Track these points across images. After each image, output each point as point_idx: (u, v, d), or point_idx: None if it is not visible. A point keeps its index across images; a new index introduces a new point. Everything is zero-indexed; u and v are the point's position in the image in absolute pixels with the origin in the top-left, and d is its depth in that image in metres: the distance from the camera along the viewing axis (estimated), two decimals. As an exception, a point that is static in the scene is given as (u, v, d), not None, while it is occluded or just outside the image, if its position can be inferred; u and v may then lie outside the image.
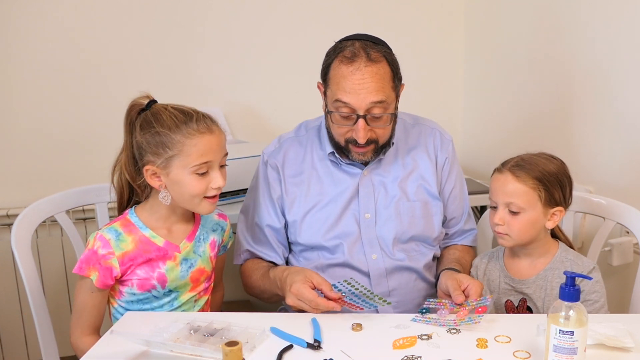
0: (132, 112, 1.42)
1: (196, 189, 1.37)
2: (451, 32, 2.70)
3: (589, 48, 1.98)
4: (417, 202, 1.61)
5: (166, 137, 1.35)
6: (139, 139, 1.38)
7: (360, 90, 1.44)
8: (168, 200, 1.40)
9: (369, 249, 1.58)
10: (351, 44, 1.48)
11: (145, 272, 1.42)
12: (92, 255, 1.39)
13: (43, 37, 2.26)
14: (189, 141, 1.35)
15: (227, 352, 1.06)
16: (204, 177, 1.38)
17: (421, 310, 1.32)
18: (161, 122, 1.37)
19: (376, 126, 1.49)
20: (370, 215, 1.59)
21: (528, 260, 1.49)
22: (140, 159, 1.40)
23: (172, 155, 1.35)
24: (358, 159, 1.56)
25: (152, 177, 1.39)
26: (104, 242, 1.39)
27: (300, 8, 2.50)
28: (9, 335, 2.33)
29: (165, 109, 1.39)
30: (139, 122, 1.40)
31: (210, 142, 1.37)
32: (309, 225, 1.60)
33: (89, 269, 1.38)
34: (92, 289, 1.40)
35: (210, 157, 1.38)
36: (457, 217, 1.71)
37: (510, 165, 1.43)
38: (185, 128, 1.36)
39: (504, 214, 1.43)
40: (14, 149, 2.31)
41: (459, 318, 1.28)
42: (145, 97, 1.42)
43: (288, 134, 1.71)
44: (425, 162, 1.64)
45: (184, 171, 1.36)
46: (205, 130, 1.37)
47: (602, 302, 1.42)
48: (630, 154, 1.85)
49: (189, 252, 1.47)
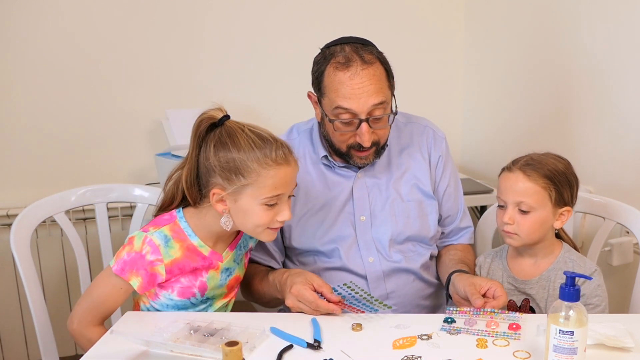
0: (203, 126, 1.33)
1: (263, 219, 1.32)
2: (451, 32, 2.70)
3: (588, 48, 1.98)
4: (411, 202, 1.60)
5: (241, 164, 1.28)
6: (212, 160, 1.30)
7: (360, 95, 1.43)
8: (229, 225, 1.33)
9: (366, 251, 1.57)
10: (341, 49, 1.46)
11: (189, 281, 1.38)
12: (140, 260, 1.33)
13: (43, 37, 2.26)
14: (265, 172, 1.28)
15: (227, 352, 1.06)
16: (272, 208, 1.32)
17: (446, 319, 1.31)
18: (237, 145, 1.29)
19: (378, 127, 1.49)
20: (366, 218, 1.58)
21: (532, 261, 1.49)
22: (207, 178, 1.32)
23: (245, 185, 1.29)
24: (360, 163, 1.55)
25: (217, 201, 1.32)
26: (153, 248, 1.33)
27: (301, 9, 2.50)
28: (9, 335, 2.33)
29: (242, 131, 1.31)
30: (213, 140, 1.31)
31: (286, 174, 1.31)
32: (303, 229, 1.59)
33: (131, 273, 1.32)
34: (124, 288, 1.35)
35: (283, 190, 1.32)
36: (453, 215, 1.70)
37: (521, 164, 1.42)
38: (263, 157, 1.29)
39: (513, 213, 1.41)
40: (14, 149, 2.31)
41: (493, 330, 1.26)
42: (218, 109, 1.34)
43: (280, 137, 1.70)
44: (419, 161, 1.63)
45: (253, 201, 1.30)
46: (282, 161, 1.30)
47: (603, 306, 1.41)
48: (631, 154, 1.85)
49: (229, 261, 1.44)
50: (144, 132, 2.41)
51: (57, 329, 1.68)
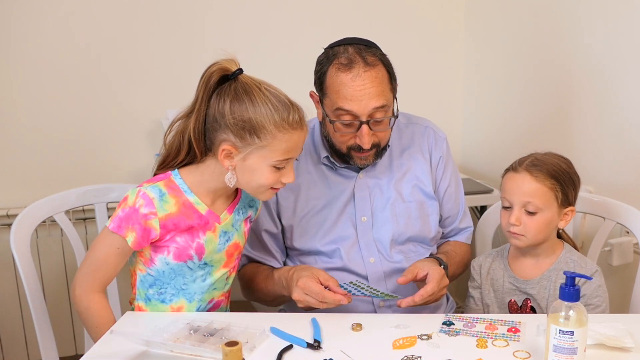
0: (215, 77, 1.29)
1: (268, 180, 1.31)
2: (451, 32, 2.70)
3: (589, 48, 1.98)
4: (412, 203, 1.60)
5: (259, 125, 1.25)
6: (227, 117, 1.26)
7: (362, 97, 1.43)
8: (233, 182, 1.31)
9: (367, 252, 1.57)
10: (344, 50, 1.46)
11: (185, 241, 1.34)
12: (133, 214, 1.30)
13: (43, 37, 2.26)
14: (281, 135, 1.27)
15: (227, 352, 1.06)
16: (279, 170, 1.31)
17: (445, 322, 1.31)
18: (255, 104, 1.26)
19: (378, 130, 1.49)
20: (367, 218, 1.58)
21: (533, 261, 1.48)
22: (216, 132, 1.29)
23: (258, 146, 1.27)
24: (360, 164, 1.55)
25: (225, 156, 1.29)
26: (147, 201, 1.30)
27: (301, 9, 2.50)
28: (9, 335, 2.33)
29: (260, 89, 1.27)
30: (228, 95, 1.28)
31: (299, 139, 1.31)
32: (304, 230, 1.58)
33: (127, 229, 1.30)
34: (119, 246, 1.32)
35: (294, 154, 1.31)
36: (453, 215, 1.70)
37: (527, 165, 1.41)
38: (280, 120, 1.26)
39: (520, 214, 1.41)
40: (14, 149, 2.31)
41: (492, 331, 1.26)
42: (232, 61, 1.30)
43: None
44: (420, 162, 1.63)
45: (263, 162, 1.29)
46: (297, 126, 1.29)
47: (603, 307, 1.41)
48: (631, 154, 1.85)
49: (227, 225, 1.40)
50: (144, 132, 2.41)
51: (57, 329, 1.68)
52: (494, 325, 1.28)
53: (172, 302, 1.40)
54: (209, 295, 1.42)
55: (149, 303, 1.41)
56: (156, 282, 1.39)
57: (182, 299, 1.40)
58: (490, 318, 1.32)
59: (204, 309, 1.43)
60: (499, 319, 1.31)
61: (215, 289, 1.43)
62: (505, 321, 1.30)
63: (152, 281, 1.39)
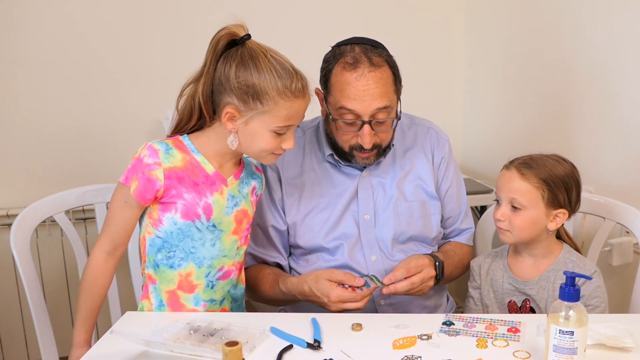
0: (223, 41, 1.32)
1: (269, 145, 1.34)
2: (451, 32, 2.70)
3: (589, 48, 1.98)
4: (414, 202, 1.61)
5: (262, 91, 1.29)
6: (232, 80, 1.30)
7: (365, 97, 1.43)
8: (235, 145, 1.35)
9: (368, 250, 1.58)
10: (351, 49, 1.47)
11: (192, 199, 1.35)
12: (138, 164, 1.33)
13: (44, 37, 2.26)
14: (282, 102, 1.30)
15: (227, 352, 1.06)
16: (279, 136, 1.34)
17: (445, 322, 1.31)
18: (259, 69, 1.29)
19: (380, 130, 1.49)
20: (370, 217, 1.59)
21: (531, 261, 1.49)
22: (221, 96, 1.32)
23: (261, 111, 1.30)
24: (362, 163, 1.55)
25: (228, 119, 1.33)
26: (151, 152, 1.33)
27: (300, 9, 2.50)
28: (9, 335, 2.33)
29: (265, 56, 1.31)
30: (234, 59, 1.31)
31: (301, 107, 1.34)
32: (309, 227, 1.59)
33: (132, 179, 1.33)
34: (127, 199, 1.34)
35: (295, 121, 1.34)
36: (454, 216, 1.70)
37: (518, 163, 1.44)
38: (283, 87, 1.29)
39: (506, 210, 1.43)
40: (14, 149, 2.31)
41: (492, 331, 1.26)
42: (240, 26, 1.33)
43: None
44: (422, 162, 1.64)
45: (265, 127, 1.32)
46: (300, 94, 1.32)
47: (602, 307, 1.41)
48: (631, 154, 1.85)
49: (234, 190, 1.42)
50: (144, 132, 2.41)
51: (57, 329, 1.68)
52: (494, 325, 1.28)
53: (181, 268, 1.40)
54: (218, 262, 1.42)
55: (157, 270, 1.41)
56: (164, 245, 1.39)
57: (191, 264, 1.40)
58: (490, 318, 1.32)
59: (214, 276, 1.42)
60: (499, 319, 1.31)
61: (226, 257, 1.43)
62: (505, 321, 1.30)
63: (160, 244, 1.39)
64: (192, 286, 1.41)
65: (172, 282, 1.40)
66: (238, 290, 1.51)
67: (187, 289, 1.41)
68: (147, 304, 1.43)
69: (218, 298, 1.45)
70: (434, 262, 1.50)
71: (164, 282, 1.41)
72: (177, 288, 1.41)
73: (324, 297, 1.39)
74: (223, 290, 1.45)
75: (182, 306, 1.41)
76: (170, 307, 1.41)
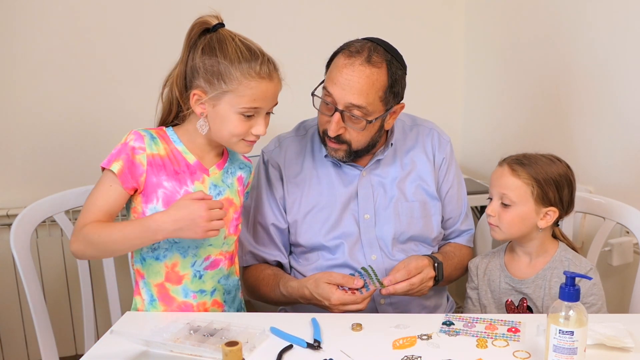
0: (196, 30, 1.36)
1: (238, 129, 1.34)
2: (451, 32, 2.70)
3: (589, 48, 1.98)
4: (415, 203, 1.61)
5: (225, 70, 1.31)
6: (197, 61, 1.33)
7: (345, 86, 1.44)
8: (205, 129, 1.36)
9: (369, 249, 1.58)
10: (362, 42, 1.48)
11: (173, 187, 1.37)
12: (123, 147, 1.35)
13: (44, 37, 2.26)
14: (247, 82, 1.31)
15: (227, 352, 1.06)
16: (248, 120, 1.35)
17: (445, 322, 1.31)
18: (224, 52, 1.32)
19: (351, 127, 1.49)
20: (370, 216, 1.59)
21: (527, 260, 1.49)
22: (191, 80, 1.35)
23: (225, 91, 1.32)
24: (331, 154, 1.56)
25: (197, 103, 1.35)
26: (137, 136, 1.36)
27: (300, 8, 2.50)
28: (9, 335, 2.33)
29: (233, 40, 1.34)
30: (202, 43, 1.34)
31: (267, 89, 1.34)
32: (309, 225, 1.59)
33: (114, 159, 1.34)
34: (111, 183, 1.34)
35: (262, 104, 1.35)
36: (454, 217, 1.70)
37: (510, 160, 1.46)
38: (247, 68, 1.31)
39: (496, 206, 1.45)
40: (14, 149, 2.31)
41: (492, 331, 1.26)
42: (215, 17, 1.37)
43: (287, 133, 1.70)
44: (424, 163, 1.64)
45: (231, 109, 1.33)
46: (266, 76, 1.33)
47: (599, 305, 1.41)
48: (631, 154, 1.85)
49: (217, 179, 1.43)
50: (144, 132, 2.41)
51: (57, 329, 1.68)
52: (494, 325, 1.28)
53: (167, 259, 1.40)
54: (204, 251, 1.42)
55: (144, 263, 1.42)
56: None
57: (176, 254, 1.40)
58: (490, 318, 1.32)
59: (201, 266, 1.42)
60: (499, 319, 1.31)
61: (212, 245, 1.43)
62: (505, 321, 1.30)
63: None
64: (179, 277, 1.41)
65: (160, 274, 1.41)
66: (230, 281, 1.50)
67: (174, 281, 1.41)
68: (139, 300, 1.44)
69: (208, 289, 1.44)
70: (433, 263, 1.50)
71: (152, 275, 1.42)
72: (165, 280, 1.41)
73: (325, 300, 1.40)
74: (213, 280, 1.45)
75: (172, 299, 1.42)
76: (162, 301, 1.42)
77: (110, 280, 1.83)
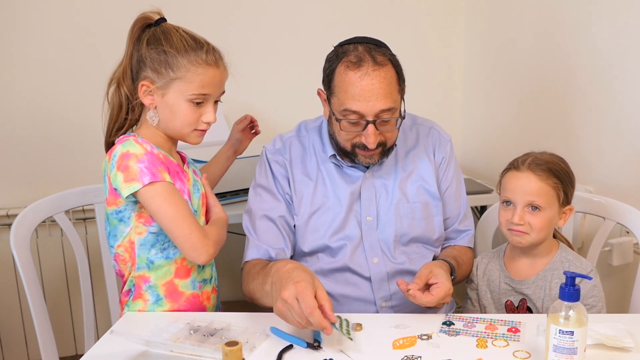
0: (138, 25, 1.38)
1: (189, 118, 1.36)
2: (451, 32, 2.70)
3: (589, 47, 1.98)
4: (417, 204, 1.60)
5: (172, 58, 1.32)
6: (143, 52, 1.34)
7: (369, 97, 1.41)
8: (155, 120, 1.37)
9: (370, 252, 1.57)
10: (354, 48, 1.45)
11: (180, 187, 1.38)
12: (151, 156, 1.32)
13: (44, 37, 2.26)
14: (194, 69, 1.33)
15: (227, 352, 1.06)
16: (197, 108, 1.36)
17: (445, 322, 1.31)
18: (170, 42, 1.34)
19: (384, 130, 1.48)
20: (372, 218, 1.58)
21: (528, 261, 1.49)
22: (138, 72, 1.36)
23: (173, 78, 1.33)
24: (365, 162, 1.53)
25: (146, 94, 1.36)
26: (143, 141, 1.35)
27: (300, 8, 2.50)
28: (9, 335, 2.33)
29: (177, 31, 1.36)
30: (146, 36, 1.36)
31: (215, 76, 1.36)
32: (314, 228, 1.57)
33: (158, 171, 1.31)
34: (169, 189, 1.32)
35: (210, 90, 1.36)
36: (452, 217, 1.69)
37: (529, 164, 1.42)
38: (194, 55, 1.33)
39: (523, 213, 1.41)
40: (14, 149, 2.31)
41: (492, 331, 1.26)
42: (156, 13, 1.39)
43: (289, 133, 1.69)
44: (425, 163, 1.63)
45: (180, 97, 1.34)
46: (213, 63, 1.35)
47: (599, 306, 1.41)
48: (631, 154, 1.85)
49: (191, 175, 1.47)
50: (144, 132, 2.41)
51: (57, 329, 1.68)
52: (494, 325, 1.28)
53: (176, 256, 1.42)
54: None
55: (152, 266, 1.41)
56: (158, 239, 1.40)
57: None
58: (490, 318, 1.32)
59: None
60: (499, 319, 1.31)
61: None
62: (505, 321, 1.30)
63: (153, 240, 1.40)
64: (187, 270, 1.44)
65: (169, 272, 1.42)
66: (214, 268, 1.57)
67: (183, 275, 1.44)
68: (141, 302, 1.43)
69: (207, 277, 1.51)
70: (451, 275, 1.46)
71: (160, 276, 1.42)
72: (174, 277, 1.43)
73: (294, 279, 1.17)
74: (209, 268, 1.52)
75: (180, 294, 1.44)
76: (169, 298, 1.43)
77: (110, 280, 1.83)
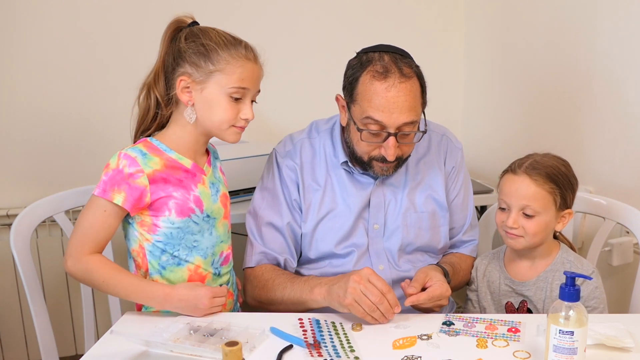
0: (172, 27, 1.39)
1: (228, 113, 1.35)
2: (451, 32, 2.70)
3: (589, 48, 1.98)
4: (424, 214, 1.58)
5: (212, 52, 1.33)
6: (182, 46, 1.34)
7: (393, 109, 1.39)
8: (193, 118, 1.36)
9: (376, 259, 1.56)
10: (380, 57, 1.43)
11: (182, 195, 1.36)
12: (117, 175, 1.31)
13: (44, 37, 2.26)
14: (234, 61, 1.33)
15: (227, 352, 1.06)
16: (236, 104, 1.36)
17: (445, 322, 1.31)
18: (209, 37, 1.34)
19: (404, 143, 1.46)
20: (379, 226, 1.57)
21: (529, 262, 1.48)
22: (175, 68, 1.35)
23: (213, 71, 1.33)
24: (380, 173, 1.52)
25: (184, 90, 1.35)
26: (130, 161, 1.31)
27: (300, 8, 2.50)
28: (9, 335, 2.33)
29: (213, 29, 1.37)
30: (183, 33, 1.36)
31: (254, 70, 1.37)
32: (321, 235, 1.56)
33: (113, 191, 1.30)
34: (107, 209, 1.31)
35: (249, 84, 1.36)
36: (457, 227, 1.67)
37: (526, 167, 1.40)
38: (234, 49, 1.34)
39: (517, 217, 1.41)
40: (14, 149, 2.31)
41: (492, 331, 1.26)
42: (190, 17, 1.40)
43: (300, 134, 1.65)
44: (435, 171, 1.62)
45: (220, 90, 1.34)
46: (252, 58, 1.37)
47: (601, 308, 1.41)
48: (631, 154, 1.85)
49: (211, 177, 1.45)
50: (144, 132, 2.41)
51: (57, 329, 1.68)
52: (494, 326, 1.28)
53: (189, 263, 1.41)
54: (218, 249, 1.46)
55: (164, 272, 1.40)
56: (167, 247, 1.38)
57: (197, 257, 1.41)
58: (490, 318, 1.32)
59: (218, 263, 1.46)
60: (499, 319, 1.31)
61: (223, 242, 1.47)
62: (505, 321, 1.30)
63: (162, 248, 1.38)
64: (201, 277, 1.43)
65: (182, 278, 1.41)
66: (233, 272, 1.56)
67: (197, 281, 1.42)
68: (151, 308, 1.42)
69: (224, 282, 1.49)
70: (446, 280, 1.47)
71: (173, 282, 1.40)
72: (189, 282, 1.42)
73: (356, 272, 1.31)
74: (227, 274, 1.50)
75: None
76: None
77: (110, 280, 1.83)
